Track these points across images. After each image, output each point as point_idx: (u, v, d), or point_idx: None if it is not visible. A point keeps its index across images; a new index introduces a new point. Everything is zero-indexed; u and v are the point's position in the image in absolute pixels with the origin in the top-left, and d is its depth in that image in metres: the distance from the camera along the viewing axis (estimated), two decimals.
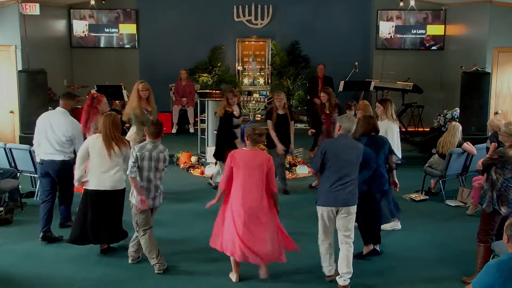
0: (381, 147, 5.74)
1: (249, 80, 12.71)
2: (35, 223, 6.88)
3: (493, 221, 5.29)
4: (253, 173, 5.04)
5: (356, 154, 5.17)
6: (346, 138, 5.22)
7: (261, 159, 5.09)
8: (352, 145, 5.21)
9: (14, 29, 10.15)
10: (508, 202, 5.20)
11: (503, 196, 5.19)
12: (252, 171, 5.04)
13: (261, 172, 5.04)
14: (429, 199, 8.10)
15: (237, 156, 5.12)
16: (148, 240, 5.44)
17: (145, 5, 12.84)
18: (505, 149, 5.20)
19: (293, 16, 12.77)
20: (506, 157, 5.13)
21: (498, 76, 10.71)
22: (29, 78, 9.47)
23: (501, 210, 5.21)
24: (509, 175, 5.16)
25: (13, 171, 7.63)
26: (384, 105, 6.93)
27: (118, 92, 11.08)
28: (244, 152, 5.16)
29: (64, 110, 6.43)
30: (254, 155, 5.11)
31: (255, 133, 5.11)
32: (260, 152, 5.24)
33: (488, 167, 5.29)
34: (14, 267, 5.62)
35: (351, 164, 5.12)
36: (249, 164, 5.06)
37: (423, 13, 12.46)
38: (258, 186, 5.05)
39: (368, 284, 5.35)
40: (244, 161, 5.08)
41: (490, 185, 5.26)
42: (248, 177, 5.04)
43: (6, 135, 10.33)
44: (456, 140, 7.86)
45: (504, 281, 3.50)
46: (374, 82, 11.82)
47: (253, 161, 5.06)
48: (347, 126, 5.21)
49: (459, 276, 5.43)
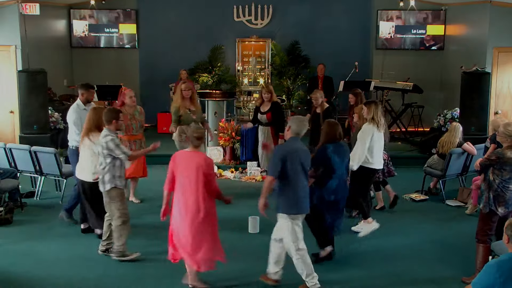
0: (345, 154, 5.64)
1: (249, 80, 12.71)
2: (35, 223, 6.91)
3: (490, 221, 5.28)
4: (190, 174, 4.98)
5: (309, 158, 5.12)
6: (297, 141, 5.06)
7: (198, 160, 5.00)
8: (305, 149, 5.10)
9: (14, 29, 10.14)
10: (505, 203, 5.19)
11: (500, 197, 5.18)
12: (190, 173, 4.98)
13: (198, 174, 4.97)
14: (429, 199, 8.10)
15: (177, 158, 5.12)
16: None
17: (145, 5, 12.84)
18: (503, 150, 5.18)
19: (293, 16, 12.78)
20: (504, 158, 5.11)
21: (498, 76, 10.71)
22: (29, 78, 9.46)
23: (498, 210, 5.20)
24: (507, 176, 5.15)
25: (13, 171, 7.63)
26: (368, 107, 6.45)
27: (118, 92, 11.08)
28: (184, 154, 5.14)
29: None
30: (192, 157, 5.06)
31: (193, 136, 5.08)
32: (198, 153, 5.12)
33: (486, 168, 5.28)
34: (14, 267, 5.62)
35: (306, 169, 5.05)
36: (187, 166, 5.01)
37: (423, 13, 12.46)
38: (195, 188, 4.96)
39: (368, 284, 5.35)
40: (182, 162, 5.05)
41: (487, 186, 5.25)
42: (186, 178, 5.00)
43: (6, 135, 10.33)
44: (456, 140, 7.87)
45: (504, 281, 3.50)
46: (374, 82, 11.83)
47: (191, 163, 5.01)
48: (296, 129, 5.05)
49: (459, 276, 5.43)
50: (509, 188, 5.18)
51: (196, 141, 5.10)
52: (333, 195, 5.54)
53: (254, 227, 6.60)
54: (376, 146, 6.33)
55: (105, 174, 5.59)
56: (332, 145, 5.51)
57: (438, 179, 8.17)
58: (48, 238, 6.42)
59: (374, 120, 6.29)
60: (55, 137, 9.71)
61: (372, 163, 6.35)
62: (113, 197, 5.62)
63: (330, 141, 5.54)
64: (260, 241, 6.22)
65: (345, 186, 5.70)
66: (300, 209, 5.03)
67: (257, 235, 6.53)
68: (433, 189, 8.30)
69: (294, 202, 4.98)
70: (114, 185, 5.59)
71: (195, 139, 5.08)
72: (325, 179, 5.50)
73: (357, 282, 5.36)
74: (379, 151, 6.42)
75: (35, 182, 8.15)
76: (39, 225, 6.85)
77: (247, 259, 5.73)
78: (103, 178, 5.62)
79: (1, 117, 10.47)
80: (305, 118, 5.40)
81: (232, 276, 5.39)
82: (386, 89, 11.80)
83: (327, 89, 11.85)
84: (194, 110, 7.81)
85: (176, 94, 7.91)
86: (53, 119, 10.12)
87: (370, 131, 6.25)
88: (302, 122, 5.11)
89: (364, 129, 6.32)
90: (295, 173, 4.94)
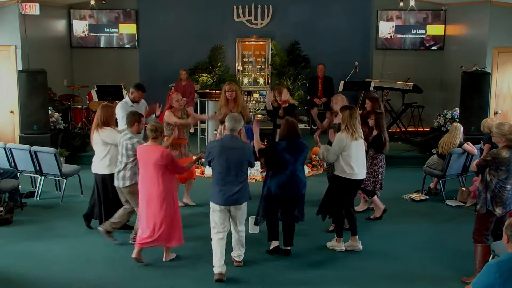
0: (300, 152, 5.73)
1: (249, 80, 12.71)
2: (35, 223, 6.91)
3: (488, 222, 5.29)
4: (149, 167, 5.44)
5: (241, 154, 5.30)
6: (231, 138, 5.34)
7: (156, 154, 5.38)
8: (236, 145, 5.32)
9: (14, 29, 10.14)
10: (503, 203, 5.20)
11: (497, 197, 5.18)
12: (149, 166, 5.45)
13: (156, 167, 5.39)
14: (429, 199, 8.10)
15: (139, 151, 5.59)
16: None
17: (145, 5, 12.84)
18: (499, 150, 5.18)
19: (293, 16, 12.77)
20: (499, 158, 5.11)
21: (498, 76, 10.70)
22: (29, 78, 9.45)
23: (496, 211, 5.21)
24: (503, 176, 5.15)
25: (13, 171, 7.63)
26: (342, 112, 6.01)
27: (118, 92, 11.08)
28: (144, 148, 5.54)
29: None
30: (150, 151, 5.47)
31: (149, 129, 5.48)
32: (156, 147, 5.48)
33: (483, 169, 5.28)
34: (14, 267, 5.62)
35: (236, 165, 5.26)
36: (146, 159, 5.46)
37: (423, 13, 12.46)
38: (154, 180, 5.44)
39: (367, 284, 5.35)
40: (143, 156, 5.52)
41: (484, 187, 5.25)
42: (146, 171, 5.49)
43: (6, 135, 10.33)
44: (457, 140, 7.88)
45: (504, 281, 3.50)
46: (374, 82, 11.81)
47: (150, 157, 5.42)
48: (229, 125, 5.34)
49: (459, 276, 5.43)
50: (506, 188, 5.18)
51: (151, 133, 5.47)
52: (279, 189, 5.68)
53: (254, 227, 6.59)
54: (354, 155, 5.85)
55: (127, 171, 5.86)
56: (286, 143, 5.68)
57: (438, 179, 8.18)
58: (48, 238, 6.41)
59: (348, 129, 5.84)
60: (55, 137, 9.70)
61: (353, 173, 5.89)
62: (135, 191, 5.83)
63: (284, 138, 5.72)
64: (260, 241, 6.22)
65: (297, 183, 5.73)
66: (214, 199, 5.34)
67: (257, 235, 6.52)
68: (433, 189, 8.30)
69: (212, 193, 5.37)
70: (135, 181, 5.84)
71: (150, 131, 5.46)
72: (275, 174, 5.72)
73: (357, 282, 5.36)
74: (357, 160, 5.90)
75: (35, 182, 8.15)
76: (39, 225, 6.85)
77: (248, 259, 5.72)
78: (124, 175, 5.88)
79: (1, 117, 10.46)
80: (238, 116, 5.47)
81: (232, 276, 5.39)
82: (386, 89, 11.81)
83: (327, 89, 11.88)
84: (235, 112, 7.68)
85: (221, 95, 7.84)
86: (53, 119, 10.12)
87: (343, 140, 5.84)
88: (236, 119, 5.36)
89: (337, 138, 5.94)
90: (217, 167, 5.28)
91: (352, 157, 5.85)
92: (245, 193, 5.41)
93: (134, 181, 5.86)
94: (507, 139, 5.16)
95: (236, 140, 5.37)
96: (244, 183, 5.37)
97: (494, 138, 5.34)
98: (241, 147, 5.36)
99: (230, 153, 5.25)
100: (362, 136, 5.97)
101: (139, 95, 7.19)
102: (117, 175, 5.93)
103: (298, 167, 5.75)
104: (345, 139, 5.83)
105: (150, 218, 5.51)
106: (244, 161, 5.34)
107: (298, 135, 5.78)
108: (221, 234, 5.35)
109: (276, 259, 5.83)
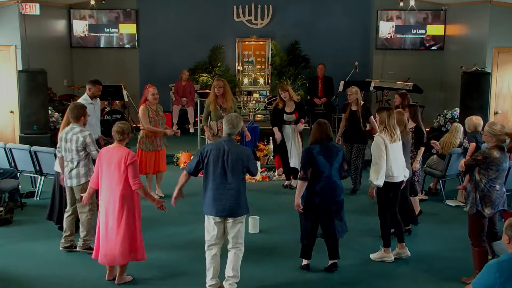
0: (335, 156, 5.37)
1: (249, 80, 12.71)
2: (35, 223, 6.91)
3: (480, 222, 5.23)
4: (112, 169, 5.06)
5: (239, 160, 4.86)
6: (229, 142, 4.94)
7: (120, 155, 5.06)
8: (234, 150, 4.88)
9: (14, 29, 10.14)
10: (492, 203, 5.15)
11: (487, 197, 5.14)
12: (112, 168, 5.07)
13: (120, 169, 5.03)
14: (429, 199, 8.10)
15: (102, 153, 5.23)
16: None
17: (145, 5, 12.83)
18: (490, 150, 5.14)
19: (293, 16, 12.77)
20: (491, 158, 5.08)
21: (498, 76, 10.70)
22: (29, 78, 9.46)
23: (485, 211, 5.15)
24: (493, 175, 5.12)
25: (13, 171, 7.64)
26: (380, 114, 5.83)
27: (118, 92, 11.09)
28: (108, 149, 5.20)
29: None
30: (115, 152, 5.12)
31: (114, 130, 5.15)
32: (121, 148, 5.13)
33: (472, 168, 5.23)
34: (13, 267, 5.62)
35: (233, 172, 4.84)
36: (110, 161, 5.10)
37: (423, 13, 12.45)
38: (117, 183, 5.04)
39: (368, 285, 5.35)
40: (106, 158, 5.14)
41: (473, 186, 5.20)
42: (108, 173, 5.10)
43: (6, 135, 10.33)
44: (457, 141, 7.89)
45: (504, 282, 3.50)
46: (374, 82, 11.82)
47: (113, 158, 5.08)
48: (227, 130, 4.96)
49: (459, 276, 5.43)
50: (495, 188, 5.15)
51: (117, 135, 5.13)
52: (318, 197, 5.34)
53: (254, 227, 6.59)
54: (392, 158, 5.66)
55: (80, 168, 5.67)
56: (319, 146, 5.34)
57: (438, 179, 8.17)
58: (48, 238, 6.40)
59: (387, 130, 5.67)
60: (55, 137, 9.68)
61: (393, 177, 5.70)
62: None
63: (317, 142, 5.38)
64: (261, 241, 6.22)
65: (335, 189, 5.40)
66: (208, 209, 4.92)
67: (257, 235, 6.52)
68: (433, 189, 8.30)
69: (204, 202, 4.97)
70: (90, 178, 5.60)
71: (115, 133, 5.13)
72: (312, 181, 5.32)
73: (357, 282, 5.36)
74: (396, 162, 5.70)
75: (35, 182, 8.15)
76: (39, 225, 6.84)
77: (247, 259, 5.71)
78: (78, 172, 5.68)
79: (1, 117, 10.47)
80: (235, 119, 5.00)
81: None
82: (386, 89, 11.80)
83: (327, 89, 11.87)
84: (225, 107, 7.81)
85: (211, 91, 8.01)
86: (53, 119, 10.13)
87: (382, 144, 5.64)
88: (232, 123, 4.95)
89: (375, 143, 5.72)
90: (211, 174, 4.88)
91: (391, 159, 5.63)
92: (243, 204, 4.92)
93: (89, 178, 5.61)
94: (498, 140, 5.13)
95: (233, 145, 4.95)
96: (241, 191, 4.90)
97: (484, 137, 5.30)
98: (239, 152, 4.91)
99: (227, 159, 4.82)
100: (400, 138, 5.74)
101: (97, 89, 7.29)
102: (69, 174, 5.73)
103: (334, 171, 5.37)
104: (383, 141, 5.59)
105: (107, 224, 5.12)
106: (242, 168, 4.89)
107: (330, 138, 5.43)
108: (215, 248, 4.96)
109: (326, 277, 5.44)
